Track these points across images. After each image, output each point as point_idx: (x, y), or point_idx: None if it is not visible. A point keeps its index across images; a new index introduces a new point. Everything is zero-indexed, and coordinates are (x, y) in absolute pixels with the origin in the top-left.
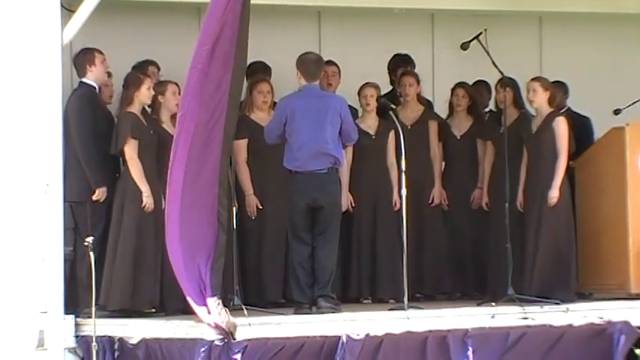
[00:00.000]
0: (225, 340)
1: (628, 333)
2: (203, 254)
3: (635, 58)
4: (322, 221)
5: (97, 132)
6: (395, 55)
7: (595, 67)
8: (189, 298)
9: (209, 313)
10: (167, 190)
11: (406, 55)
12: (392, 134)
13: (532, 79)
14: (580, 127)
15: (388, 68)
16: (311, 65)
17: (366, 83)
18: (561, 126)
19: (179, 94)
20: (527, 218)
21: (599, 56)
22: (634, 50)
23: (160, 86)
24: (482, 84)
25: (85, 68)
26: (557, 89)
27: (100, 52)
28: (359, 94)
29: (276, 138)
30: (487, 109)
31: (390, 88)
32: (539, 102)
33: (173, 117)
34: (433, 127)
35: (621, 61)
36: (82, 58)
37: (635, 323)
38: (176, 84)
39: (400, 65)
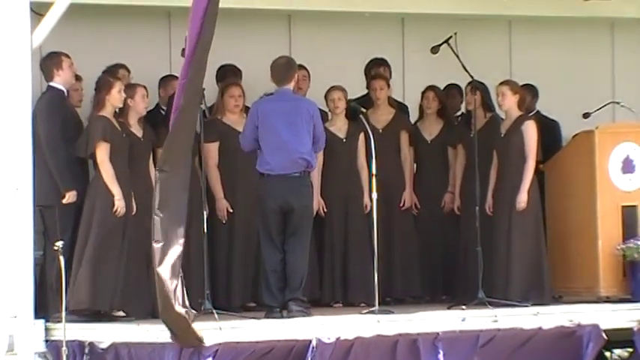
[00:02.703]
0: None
1: (597, 336)
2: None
3: (603, 62)
4: (293, 224)
5: (65, 136)
6: (372, 60)
7: (564, 71)
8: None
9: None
10: None
11: (382, 59)
12: (362, 136)
13: (501, 83)
14: (548, 130)
15: (365, 72)
16: (278, 69)
17: (332, 87)
18: (530, 130)
19: (147, 97)
20: (497, 222)
21: (568, 60)
22: (602, 54)
23: (129, 89)
24: (454, 87)
25: (52, 72)
26: (527, 92)
27: (67, 56)
28: (326, 97)
29: (252, 143)
30: (459, 113)
31: (367, 91)
32: (508, 105)
33: (140, 120)
34: (404, 134)
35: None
36: (49, 62)
37: (604, 326)
38: (144, 87)
39: (374, 69)
